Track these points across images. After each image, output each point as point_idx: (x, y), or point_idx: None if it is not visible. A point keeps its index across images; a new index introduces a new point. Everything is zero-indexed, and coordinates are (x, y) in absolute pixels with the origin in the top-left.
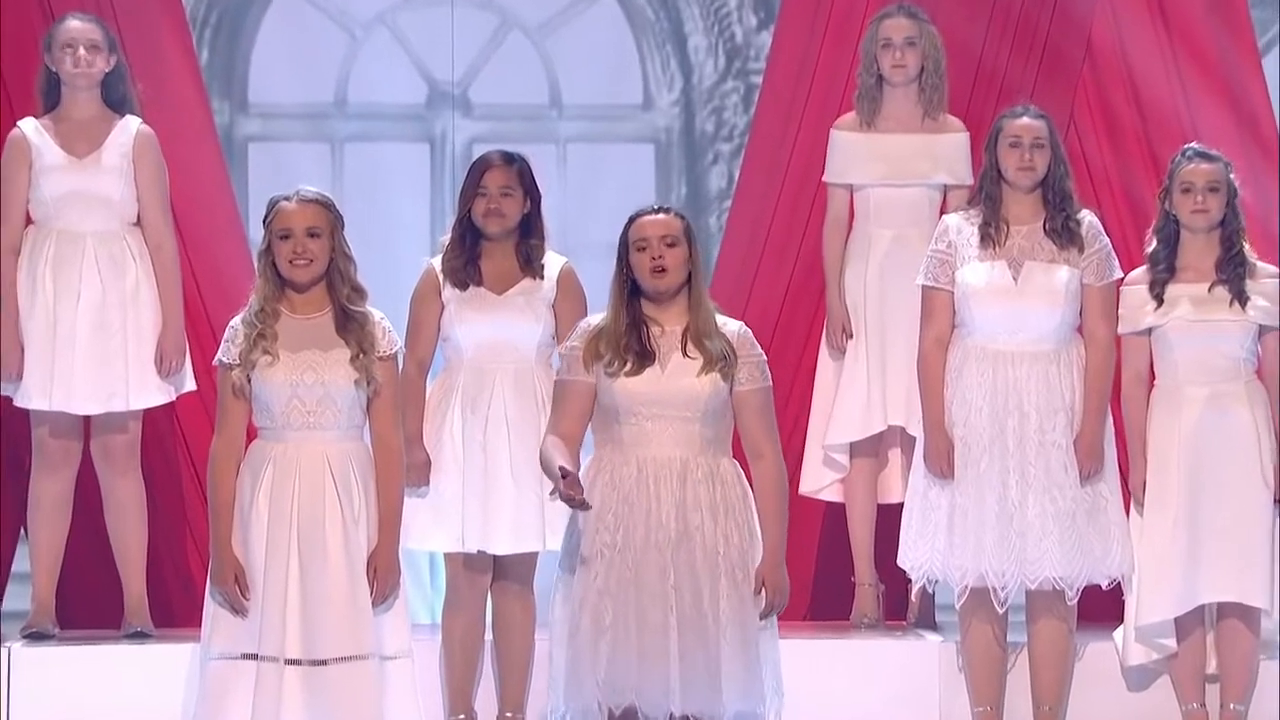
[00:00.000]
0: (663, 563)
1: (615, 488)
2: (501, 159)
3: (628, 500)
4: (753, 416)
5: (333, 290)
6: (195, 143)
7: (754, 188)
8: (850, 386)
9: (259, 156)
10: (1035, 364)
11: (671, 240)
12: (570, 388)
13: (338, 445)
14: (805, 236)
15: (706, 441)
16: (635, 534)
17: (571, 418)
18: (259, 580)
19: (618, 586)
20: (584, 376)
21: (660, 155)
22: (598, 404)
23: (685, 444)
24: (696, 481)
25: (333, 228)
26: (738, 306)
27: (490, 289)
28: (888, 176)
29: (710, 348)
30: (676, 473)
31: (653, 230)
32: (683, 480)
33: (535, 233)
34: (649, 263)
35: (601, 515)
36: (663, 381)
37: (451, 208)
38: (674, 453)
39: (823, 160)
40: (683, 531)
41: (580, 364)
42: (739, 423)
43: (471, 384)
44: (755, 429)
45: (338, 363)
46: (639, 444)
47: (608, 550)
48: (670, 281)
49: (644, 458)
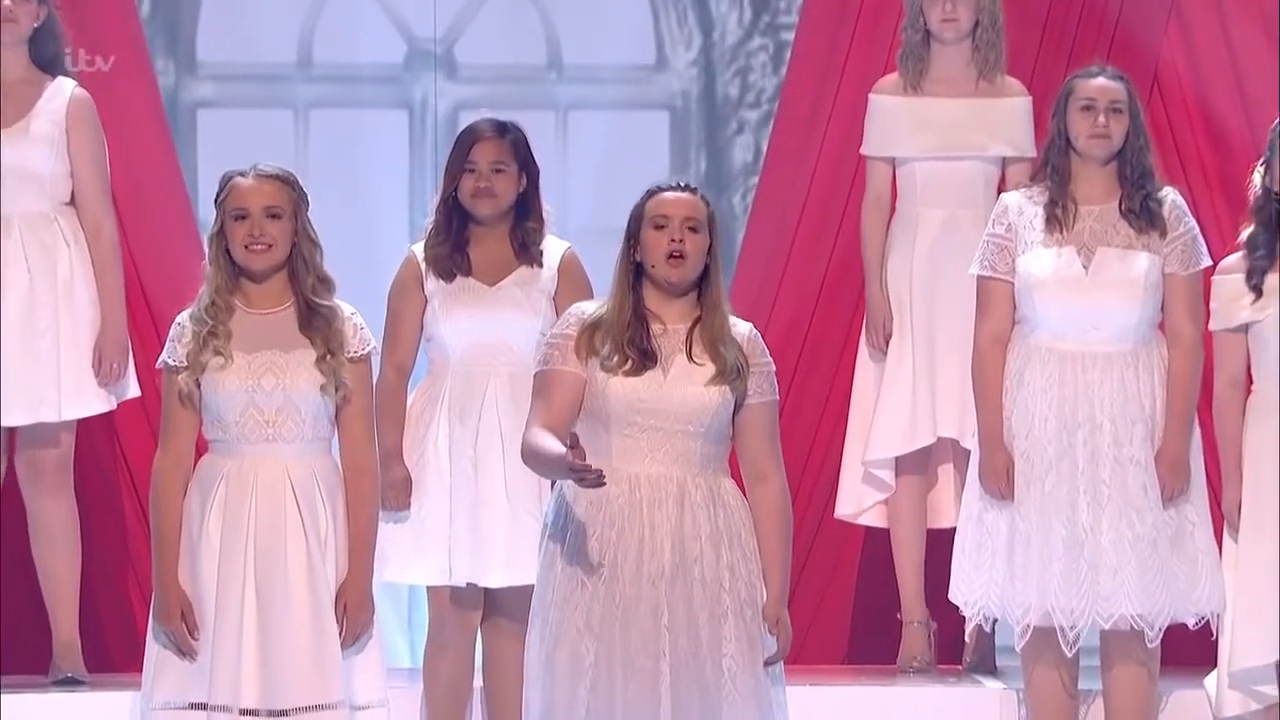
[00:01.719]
0: (656, 599)
1: (601, 509)
2: (493, 129)
3: (615, 524)
4: (759, 435)
5: (295, 281)
6: (137, 110)
7: (784, 162)
8: (894, 393)
9: (210, 125)
10: (1109, 367)
11: (695, 225)
12: (557, 378)
13: (302, 461)
14: (844, 219)
15: (706, 459)
16: (624, 564)
17: (557, 412)
18: (209, 618)
19: (602, 624)
20: (575, 368)
21: (676, 124)
22: (584, 407)
23: (683, 461)
24: (696, 505)
25: (295, 208)
26: (765, 301)
27: (481, 280)
28: (937, 148)
29: (726, 356)
30: (673, 495)
31: (676, 209)
32: (680, 503)
33: (532, 214)
34: (667, 245)
35: (584, 541)
36: (665, 387)
37: (435, 186)
38: (670, 471)
39: (862, 130)
40: (679, 563)
41: (572, 353)
42: (740, 441)
43: (460, 390)
44: (760, 449)
45: (301, 365)
46: (631, 458)
47: (591, 580)
48: (687, 272)
49: (636, 475)
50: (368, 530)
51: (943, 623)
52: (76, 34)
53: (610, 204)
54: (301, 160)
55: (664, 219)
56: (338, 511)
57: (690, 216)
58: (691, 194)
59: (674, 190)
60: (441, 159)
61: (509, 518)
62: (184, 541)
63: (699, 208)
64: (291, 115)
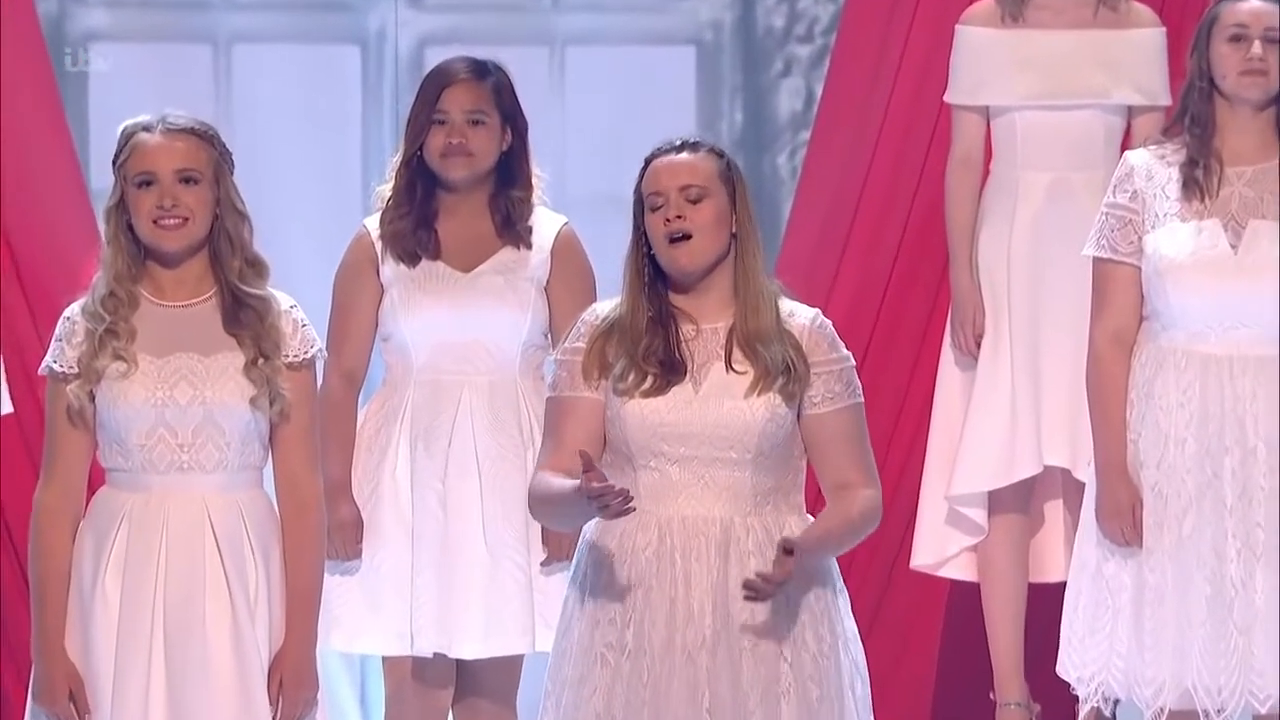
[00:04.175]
0: (694, 676)
1: (625, 562)
2: (469, 71)
3: (643, 582)
4: (836, 449)
5: (218, 264)
6: (7, 45)
7: (844, 112)
8: (986, 409)
9: (105, 65)
10: (1263, 374)
11: (697, 193)
12: (567, 408)
13: (225, 496)
14: (921, 185)
15: (762, 494)
16: (653, 632)
17: (570, 449)
18: (105, 697)
19: (626, 709)
20: (589, 391)
21: (705, 63)
22: (606, 437)
23: (730, 498)
24: (745, 553)
25: (217, 171)
26: (819, 289)
27: (452, 264)
28: (1043, 94)
29: (766, 354)
30: (716, 542)
31: (668, 178)
32: (725, 553)
33: (519, 180)
34: (664, 228)
35: (604, 604)
36: (697, 406)
37: (394, 143)
38: (713, 511)
39: (945, 72)
40: (724, 630)
41: (581, 375)
42: (816, 459)
43: (425, 405)
44: (843, 464)
45: (225, 372)
46: (661, 498)
47: (613, 654)
48: (695, 257)
49: (668, 519)
50: (310, 585)
51: (1048, 704)
52: None
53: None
54: (223, 110)
55: (657, 196)
56: (271, 561)
57: (688, 184)
58: (691, 152)
59: (667, 154)
60: (402, 109)
61: (488, 570)
62: (73, 600)
63: (701, 168)
64: (210, 52)
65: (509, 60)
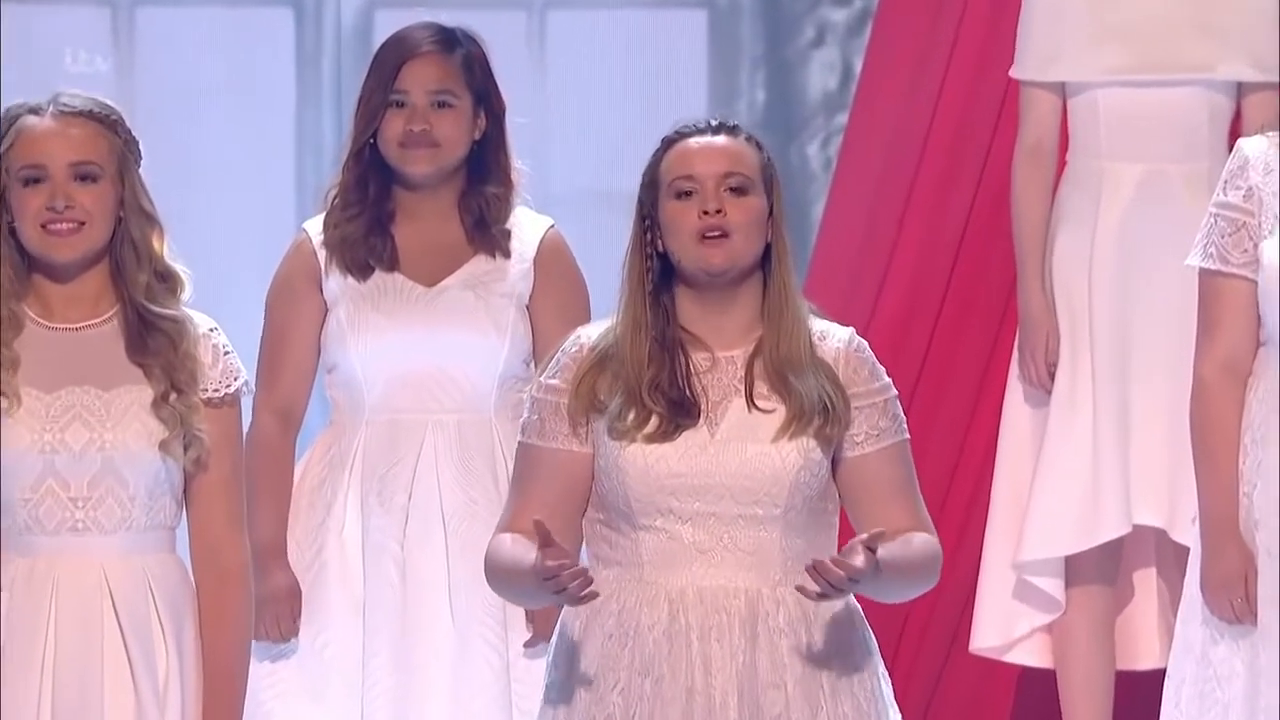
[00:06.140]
0: None
1: (627, 645)
2: (433, 41)
3: (650, 671)
4: (884, 493)
5: (121, 278)
6: None
7: (888, 89)
8: (1062, 456)
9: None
10: None
11: (740, 183)
12: (542, 458)
13: (129, 562)
14: (982, 181)
15: (793, 558)
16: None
17: (539, 507)
18: None
19: None
20: (569, 443)
21: (719, 31)
22: (595, 490)
23: (756, 564)
24: (777, 630)
25: (121, 164)
26: (858, 306)
27: (414, 277)
28: (1132, 68)
29: (799, 387)
30: (740, 618)
31: (705, 164)
32: (751, 631)
33: (495, 175)
34: (697, 223)
35: (600, 698)
36: (714, 453)
37: (335, 128)
38: (736, 580)
39: (1012, 40)
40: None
41: (563, 417)
42: (858, 509)
43: (379, 451)
44: (891, 513)
45: (129, 411)
46: (671, 566)
47: None
48: (735, 254)
49: (680, 591)
50: (233, 670)
51: None
52: None
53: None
54: (126, 87)
55: (689, 180)
56: (185, 642)
57: (731, 171)
58: (730, 136)
59: (701, 134)
60: (348, 87)
61: (456, 653)
62: None
63: (745, 156)
64: (109, 16)
65: (481, 27)
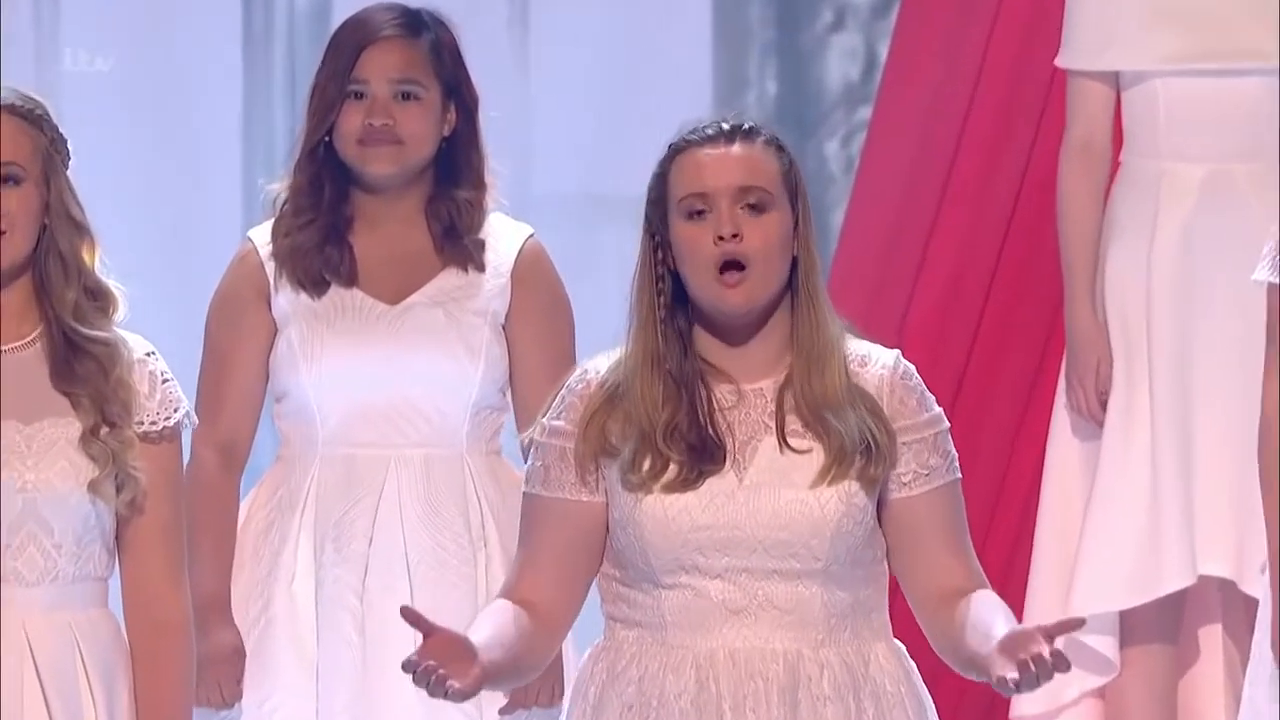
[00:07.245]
0: None
1: (649, 716)
2: (397, 24)
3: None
4: (936, 539)
5: (45, 295)
6: None
7: (918, 80)
8: (1116, 497)
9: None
10: None
11: (759, 199)
12: (549, 509)
13: (54, 617)
14: (1025, 182)
15: (837, 615)
16: None
17: (545, 566)
18: None
19: None
20: (577, 492)
21: (724, 15)
22: (610, 544)
23: (795, 624)
24: (821, 699)
25: (46, 166)
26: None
27: (375, 293)
28: (1194, 55)
29: (839, 425)
30: (780, 684)
31: (716, 176)
32: (792, 700)
33: (467, 177)
34: (712, 250)
35: None
36: (743, 501)
37: (286, 120)
38: (772, 642)
39: (1058, 25)
40: None
41: (571, 464)
42: (905, 557)
43: (336, 491)
44: (944, 561)
45: (54, 446)
46: (699, 627)
47: None
48: (754, 294)
49: (709, 655)
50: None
51: None
52: None
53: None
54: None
55: (700, 199)
56: (118, 707)
57: (747, 185)
58: (747, 142)
59: (713, 142)
60: (299, 77)
61: (423, 718)
62: None
63: (764, 166)
64: (30, 2)
65: (455, 9)
